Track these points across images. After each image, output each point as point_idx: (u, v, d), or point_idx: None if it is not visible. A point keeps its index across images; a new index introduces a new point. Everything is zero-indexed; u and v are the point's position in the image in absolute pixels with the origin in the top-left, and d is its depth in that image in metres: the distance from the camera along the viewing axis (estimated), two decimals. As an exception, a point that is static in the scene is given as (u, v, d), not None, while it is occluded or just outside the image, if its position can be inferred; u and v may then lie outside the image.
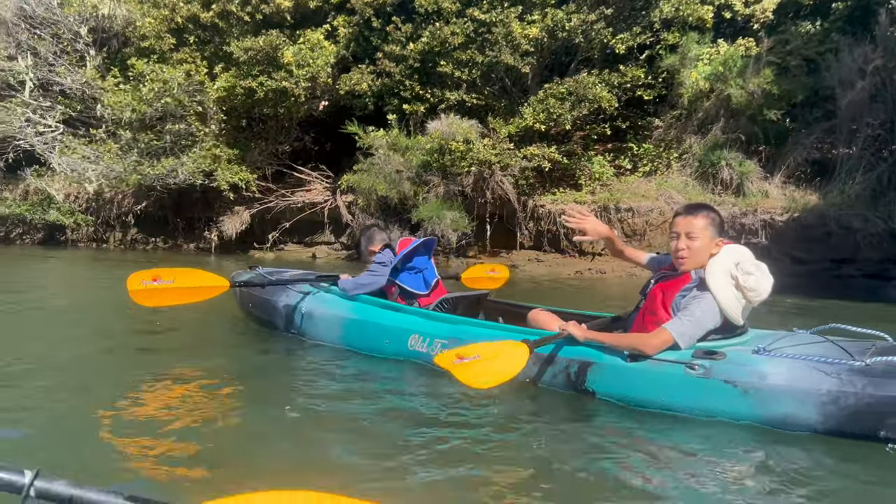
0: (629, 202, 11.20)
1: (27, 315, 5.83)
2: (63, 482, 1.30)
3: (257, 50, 12.31)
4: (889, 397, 2.67)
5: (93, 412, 3.01)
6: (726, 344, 3.08)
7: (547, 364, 3.40)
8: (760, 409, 2.88)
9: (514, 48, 11.55)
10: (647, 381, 3.09)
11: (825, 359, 2.87)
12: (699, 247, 3.10)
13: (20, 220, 15.09)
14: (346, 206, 13.09)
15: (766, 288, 3.02)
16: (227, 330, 5.17)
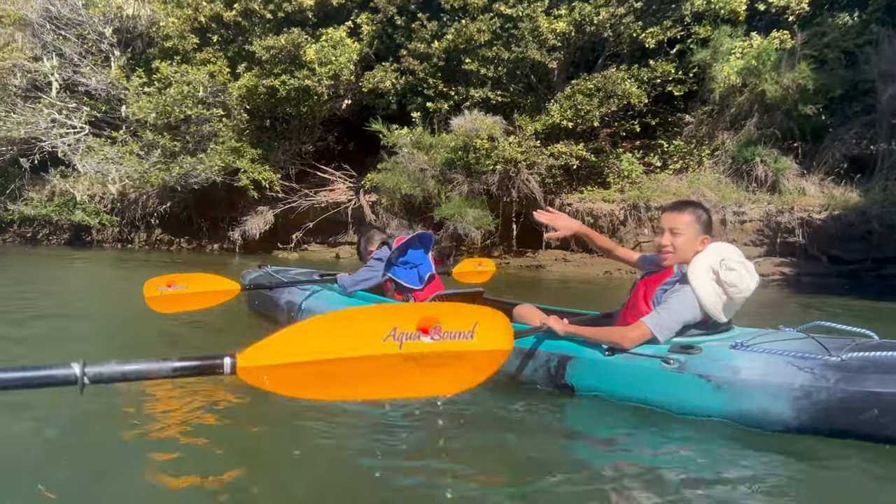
0: (659, 200, 10.88)
1: (48, 314, 5.76)
2: (112, 363, 1.43)
3: (279, 48, 12.21)
4: (862, 392, 2.59)
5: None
6: (704, 339, 3.04)
7: (528, 359, 3.38)
8: (733, 405, 2.82)
9: (541, 43, 11.30)
10: (625, 375, 3.07)
11: (801, 354, 2.80)
12: (683, 243, 3.10)
13: (47, 221, 15.18)
14: (369, 206, 12.94)
15: (748, 285, 2.98)
16: (232, 327, 5.21)
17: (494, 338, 1.72)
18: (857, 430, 2.62)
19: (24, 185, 15.10)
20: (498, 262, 11.88)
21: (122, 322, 5.18)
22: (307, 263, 10.71)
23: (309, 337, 1.66)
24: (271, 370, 1.62)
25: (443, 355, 1.66)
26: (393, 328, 1.64)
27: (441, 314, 1.70)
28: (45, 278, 9.12)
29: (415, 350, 1.65)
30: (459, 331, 1.69)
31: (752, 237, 10.47)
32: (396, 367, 1.65)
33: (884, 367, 2.67)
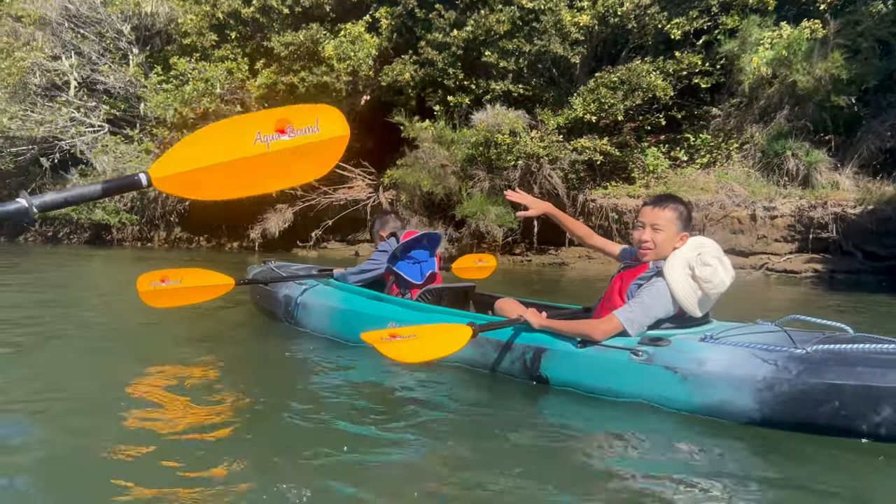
0: (687, 195, 10.55)
1: (63, 312, 5.75)
2: (52, 193, 1.62)
3: (298, 44, 12.07)
4: (823, 384, 2.58)
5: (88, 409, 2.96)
6: (675, 332, 3.03)
7: (505, 351, 3.42)
8: (698, 396, 2.82)
9: (564, 37, 11.04)
10: (596, 367, 3.09)
11: (766, 346, 2.79)
12: (663, 239, 3.10)
13: (67, 220, 15.19)
14: (388, 203, 12.76)
15: (723, 280, 2.97)
16: (232, 322, 5.30)
17: (334, 126, 2.04)
18: (819, 423, 2.60)
19: (45, 184, 15.13)
20: (520, 260, 11.68)
21: (136, 318, 5.14)
22: (326, 261, 10.55)
23: (199, 147, 1.97)
24: (176, 178, 1.92)
25: (300, 147, 2.00)
26: (258, 132, 1.96)
27: (289, 115, 2.00)
28: (65, 276, 9.07)
29: (279, 147, 1.98)
30: (307, 126, 2.00)
31: (784, 233, 10.14)
32: (269, 163, 1.98)
33: (846, 360, 2.64)
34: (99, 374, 3.58)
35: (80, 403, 3.01)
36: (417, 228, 11.55)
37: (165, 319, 4.95)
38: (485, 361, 3.48)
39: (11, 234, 16.24)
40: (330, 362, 3.85)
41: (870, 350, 2.68)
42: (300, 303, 4.66)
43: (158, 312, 4.68)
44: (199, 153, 1.94)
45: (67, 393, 3.16)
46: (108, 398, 3.10)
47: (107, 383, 3.38)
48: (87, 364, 3.83)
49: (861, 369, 2.58)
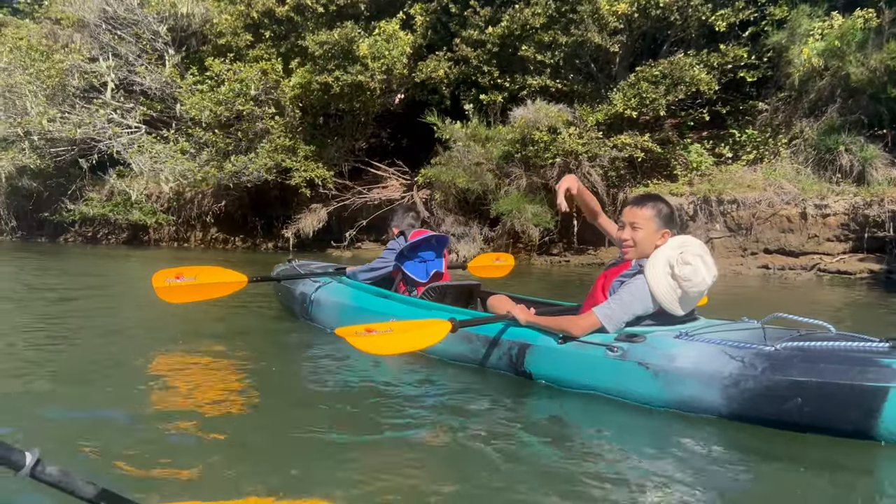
0: (733, 193, 10.17)
1: (97, 310, 5.92)
2: (58, 472, 1.43)
3: (332, 43, 11.95)
4: (786, 380, 2.61)
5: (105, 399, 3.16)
6: (653, 329, 3.07)
7: (493, 347, 3.54)
8: (669, 392, 2.87)
9: (602, 27, 10.71)
10: (574, 363, 3.17)
11: (736, 343, 2.82)
12: (642, 237, 3.15)
13: (106, 221, 15.33)
14: (423, 202, 12.57)
15: (703, 279, 3.00)
16: (257, 317, 5.59)
17: None
18: (783, 419, 2.63)
19: (85, 186, 15.30)
20: (557, 261, 11.37)
21: (165, 314, 5.34)
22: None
23: None
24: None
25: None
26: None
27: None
28: (104, 275, 9.15)
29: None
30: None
31: (836, 232, 9.66)
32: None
33: (811, 357, 2.66)
34: (134, 364, 3.80)
35: (110, 390, 3.27)
36: (451, 227, 11.43)
37: (190, 314, 5.20)
38: (475, 357, 3.64)
39: (52, 234, 16.47)
40: (333, 356, 3.99)
41: (837, 348, 2.68)
42: (314, 299, 4.85)
43: (185, 309, 4.92)
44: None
45: (94, 378, 3.45)
46: (135, 386, 3.31)
47: (137, 371, 3.63)
48: (126, 354, 4.06)
49: (823, 366, 2.59)
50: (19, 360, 3.90)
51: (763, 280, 9.41)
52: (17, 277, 8.85)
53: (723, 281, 9.26)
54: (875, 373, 2.52)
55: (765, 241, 9.98)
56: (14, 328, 4.90)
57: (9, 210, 16.62)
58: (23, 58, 12.83)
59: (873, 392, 2.49)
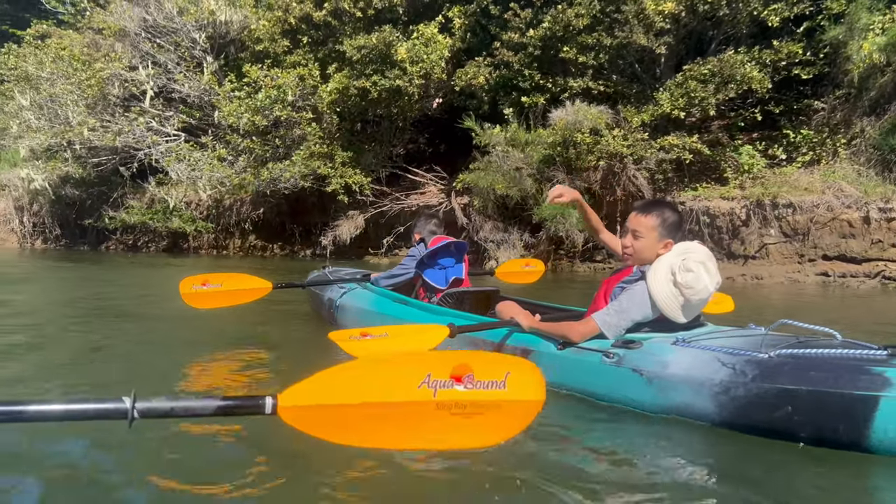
0: (788, 196, 9.63)
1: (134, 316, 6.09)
2: (161, 398, 1.57)
3: (370, 48, 11.78)
4: (776, 388, 2.55)
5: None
6: (651, 336, 3.04)
7: (498, 352, 3.46)
8: (662, 398, 2.85)
9: (647, 27, 10.30)
10: (572, 368, 3.17)
11: (730, 350, 2.77)
12: (643, 246, 3.11)
13: (146, 229, 15.42)
14: (461, 209, 12.28)
15: (705, 286, 2.95)
16: (285, 324, 5.70)
17: (526, 387, 1.71)
18: (774, 428, 2.57)
19: (126, 194, 15.42)
20: (601, 268, 10.95)
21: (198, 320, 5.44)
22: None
23: (348, 379, 1.67)
24: (310, 411, 1.63)
25: (476, 404, 1.65)
26: (427, 374, 1.64)
27: (473, 362, 1.69)
28: (145, 283, 9.24)
29: (448, 398, 1.64)
30: (492, 380, 1.67)
31: (903, 237, 9.06)
32: (430, 415, 1.64)
33: (804, 365, 2.58)
34: (167, 365, 3.96)
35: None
36: (490, 233, 11.12)
37: (228, 320, 5.38)
38: None
39: (94, 242, 16.64)
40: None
41: (833, 355, 2.59)
42: (339, 305, 4.98)
43: (223, 315, 5.17)
44: (348, 386, 1.64)
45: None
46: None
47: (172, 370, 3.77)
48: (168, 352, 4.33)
49: (814, 374, 2.52)
50: (64, 362, 4.03)
51: (822, 288, 8.86)
52: (60, 285, 9.01)
53: (779, 289, 8.76)
54: (866, 381, 2.41)
55: (823, 246, 9.42)
56: (53, 334, 5.03)
57: (53, 218, 16.86)
58: (65, 68, 12.96)
59: (863, 401, 2.38)
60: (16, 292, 7.80)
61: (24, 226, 17.15)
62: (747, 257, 9.87)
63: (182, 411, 1.60)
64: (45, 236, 17.24)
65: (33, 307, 6.66)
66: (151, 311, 6.37)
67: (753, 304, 7.52)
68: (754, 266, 9.69)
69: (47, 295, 7.95)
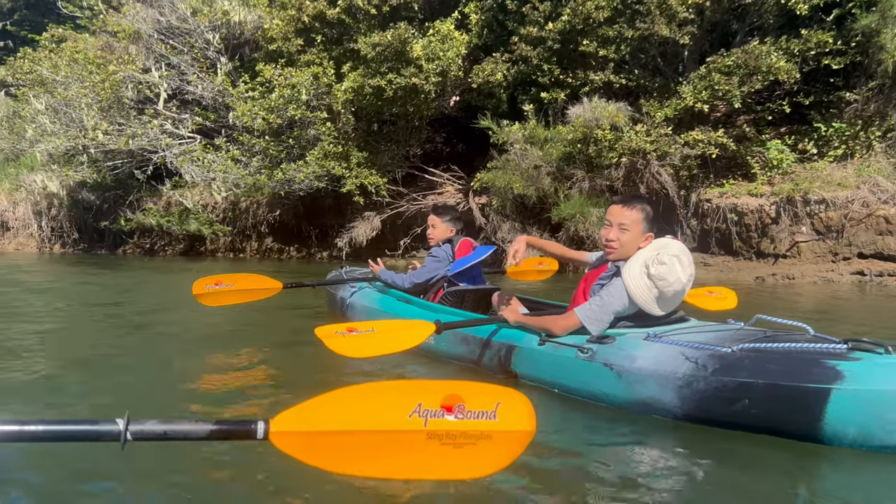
0: (820, 192, 9.23)
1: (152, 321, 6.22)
2: (153, 421, 1.56)
3: (385, 45, 11.52)
4: (734, 382, 2.62)
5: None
6: (625, 331, 3.12)
7: (485, 348, 3.70)
8: (630, 392, 2.92)
9: (670, 17, 9.94)
10: (550, 363, 3.27)
11: (696, 345, 2.84)
12: (629, 239, 3.18)
13: (163, 232, 15.32)
14: (479, 209, 12.00)
15: (678, 278, 3.02)
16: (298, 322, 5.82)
17: (517, 418, 1.70)
18: (733, 420, 2.63)
19: (143, 197, 15.33)
20: (624, 268, 10.62)
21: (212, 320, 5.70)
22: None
23: (339, 406, 1.68)
24: (301, 437, 1.64)
25: (466, 434, 1.65)
26: (418, 404, 1.65)
27: (464, 392, 1.69)
28: (157, 290, 9.22)
29: (439, 428, 1.65)
30: (483, 410, 1.68)
31: (943, 233, 8.63)
32: (421, 444, 1.65)
33: (763, 358, 2.64)
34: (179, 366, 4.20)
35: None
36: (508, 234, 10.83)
37: (244, 322, 5.62)
38: (471, 357, 3.81)
39: (112, 246, 16.60)
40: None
41: (793, 349, 2.63)
42: (349, 303, 5.12)
43: (241, 315, 5.53)
44: (339, 414, 1.66)
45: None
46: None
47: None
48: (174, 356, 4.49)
49: (771, 367, 2.57)
50: (84, 364, 4.21)
51: (858, 288, 8.45)
52: (80, 289, 9.12)
53: (811, 289, 8.37)
54: (819, 374, 2.47)
55: (859, 244, 9.01)
56: (60, 341, 5.20)
57: (70, 222, 16.84)
58: (80, 71, 12.87)
59: (815, 393, 2.44)
60: (26, 299, 7.81)
61: (42, 230, 17.16)
62: (777, 256, 9.48)
63: (175, 434, 1.60)
64: (63, 240, 17.23)
65: (40, 313, 6.61)
66: (161, 320, 6.31)
67: (783, 305, 7.16)
68: (785, 265, 9.29)
69: (58, 301, 7.84)
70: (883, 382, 2.37)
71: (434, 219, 4.85)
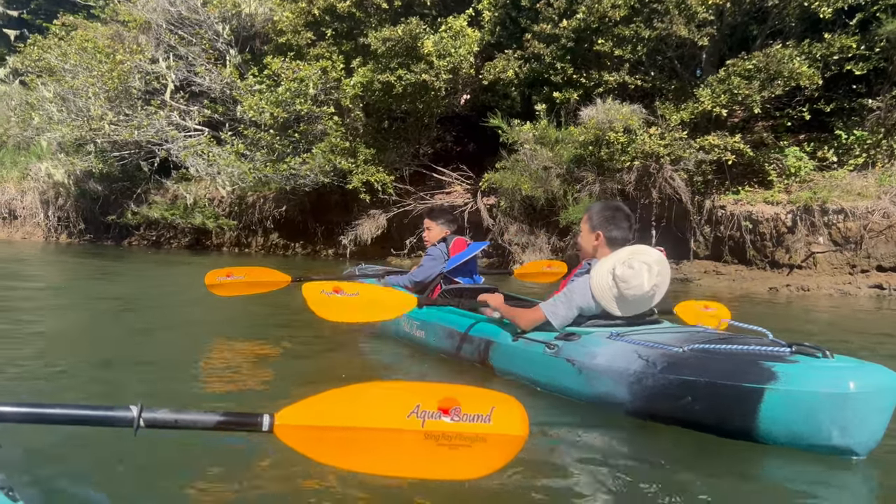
0: (839, 202, 8.91)
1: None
2: (165, 410, 1.67)
3: (396, 40, 11.30)
4: (679, 380, 2.71)
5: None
6: (591, 330, 3.23)
7: (467, 342, 3.91)
8: (588, 387, 3.05)
9: (689, 18, 9.65)
10: (521, 358, 3.44)
11: (651, 344, 2.92)
12: (581, 239, 3.49)
13: (169, 225, 15.20)
14: (487, 209, 11.74)
15: (641, 284, 3.11)
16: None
17: (511, 422, 1.74)
18: (677, 417, 2.74)
19: (150, 189, 15.22)
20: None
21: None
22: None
23: (341, 403, 1.76)
24: (304, 431, 1.73)
25: (462, 436, 1.71)
26: (416, 405, 1.71)
27: (460, 395, 1.74)
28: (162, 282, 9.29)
29: (436, 429, 1.71)
30: (478, 413, 1.73)
31: (967, 248, 8.28)
32: (418, 444, 1.71)
33: (708, 358, 2.72)
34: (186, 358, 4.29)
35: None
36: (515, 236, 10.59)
37: (242, 313, 5.95)
38: (455, 350, 4.02)
39: (118, 237, 16.50)
40: (359, 350, 4.77)
41: (738, 350, 2.70)
42: None
43: (254, 311, 5.91)
44: (342, 410, 1.74)
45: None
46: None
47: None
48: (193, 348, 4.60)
49: (713, 367, 2.66)
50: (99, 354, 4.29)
51: (876, 302, 8.12)
52: (88, 282, 9.21)
53: (827, 302, 8.05)
54: (755, 374, 2.55)
55: (878, 256, 8.68)
56: (85, 327, 5.49)
57: (77, 213, 16.75)
58: (89, 59, 12.76)
59: (749, 393, 2.54)
60: (34, 289, 8.02)
61: (49, 220, 17.09)
62: (792, 266, 9.16)
63: (185, 423, 1.69)
64: (69, 230, 17.16)
65: (50, 306, 6.83)
66: (167, 314, 6.38)
67: (796, 318, 6.86)
68: (800, 276, 8.97)
69: (68, 293, 8.08)
70: (812, 384, 2.44)
71: (429, 222, 5.08)
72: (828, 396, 2.41)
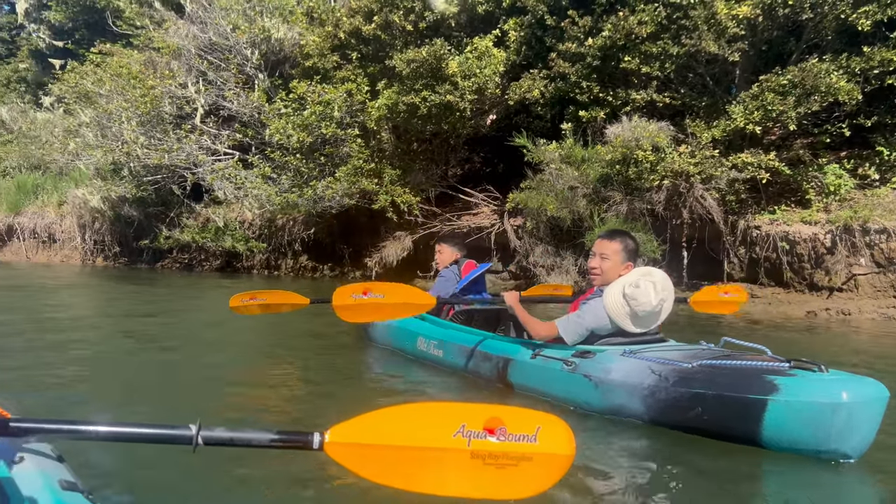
0: (882, 221, 8.46)
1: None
2: (221, 428, 1.75)
3: (420, 62, 11.24)
4: (690, 392, 3.01)
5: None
6: (605, 348, 3.51)
7: (485, 361, 4.13)
8: (605, 401, 3.35)
9: (719, 33, 9.36)
10: (540, 374, 3.73)
11: (664, 361, 3.21)
12: (608, 267, 3.63)
13: (200, 248, 15.32)
14: (513, 230, 11.52)
15: (649, 300, 3.41)
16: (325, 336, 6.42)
17: (557, 442, 1.76)
18: (688, 425, 3.05)
19: (182, 213, 15.39)
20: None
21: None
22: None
23: (389, 422, 1.80)
24: (354, 449, 1.76)
25: (508, 455, 1.73)
26: (462, 424, 1.74)
27: (505, 416, 1.76)
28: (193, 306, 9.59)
29: (482, 448, 1.74)
30: (523, 433, 1.74)
31: None
32: (465, 463, 1.73)
33: (715, 373, 3.03)
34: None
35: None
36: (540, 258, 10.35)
37: (277, 335, 6.52)
38: (474, 368, 4.25)
39: (151, 260, 16.72)
40: (379, 369, 5.20)
41: (742, 366, 3.02)
42: (372, 322, 5.50)
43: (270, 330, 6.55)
44: (389, 429, 1.78)
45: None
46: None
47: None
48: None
49: (720, 380, 2.97)
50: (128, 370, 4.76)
51: (923, 328, 7.64)
52: (125, 303, 9.77)
53: (869, 326, 7.60)
54: (759, 386, 2.85)
55: (924, 279, 8.19)
56: (126, 350, 5.88)
57: (112, 237, 17.04)
58: (123, 85, 13.02)
59: (754, 403, 2.82)
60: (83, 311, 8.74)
61: (85, 243, 17.43)
62: (832, 289, 8.70)
63: (240, 441, 1.76)
64: (105, 254, 17.46)
65: (98, 327, 7.37)
66: (204, 334, 6.85)
67: (836, 343, 6.45)
68: (840, 299, 8.51)
69: (111, 315, 8.62)
70: (811, 395, 2.74)
71: (441, 246, 5.67)
72: (824, 406, 2.70)
